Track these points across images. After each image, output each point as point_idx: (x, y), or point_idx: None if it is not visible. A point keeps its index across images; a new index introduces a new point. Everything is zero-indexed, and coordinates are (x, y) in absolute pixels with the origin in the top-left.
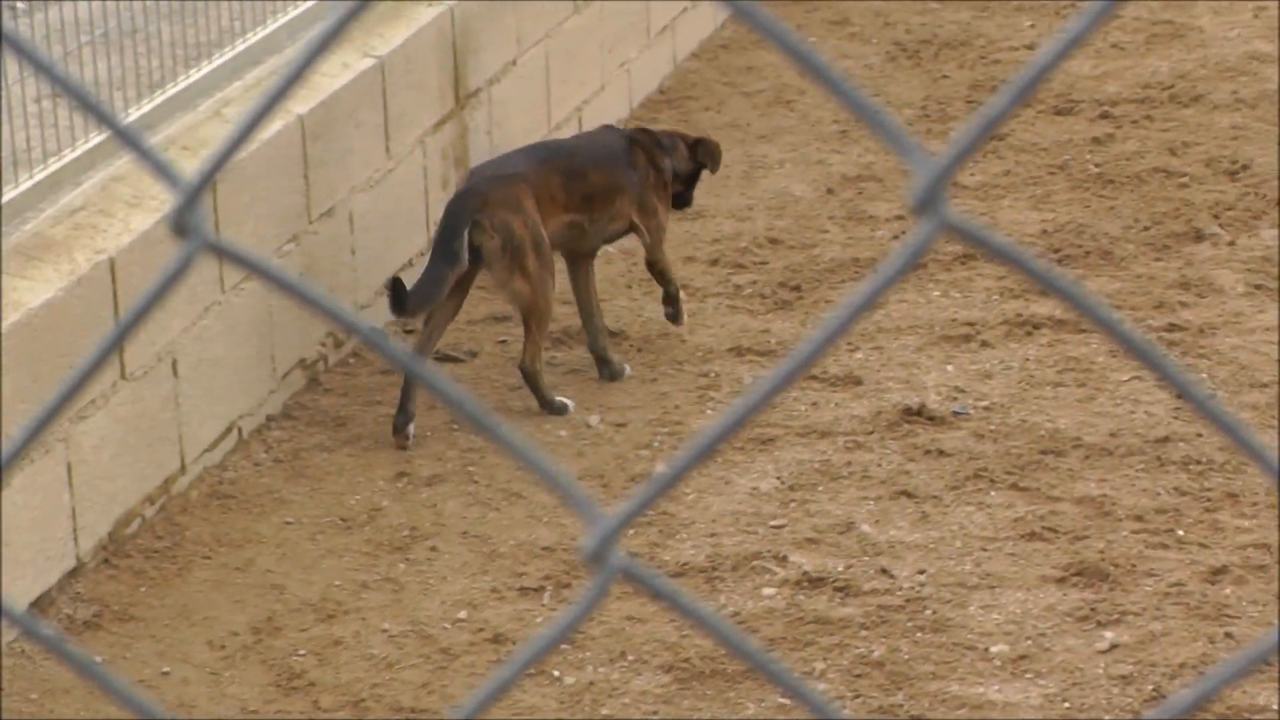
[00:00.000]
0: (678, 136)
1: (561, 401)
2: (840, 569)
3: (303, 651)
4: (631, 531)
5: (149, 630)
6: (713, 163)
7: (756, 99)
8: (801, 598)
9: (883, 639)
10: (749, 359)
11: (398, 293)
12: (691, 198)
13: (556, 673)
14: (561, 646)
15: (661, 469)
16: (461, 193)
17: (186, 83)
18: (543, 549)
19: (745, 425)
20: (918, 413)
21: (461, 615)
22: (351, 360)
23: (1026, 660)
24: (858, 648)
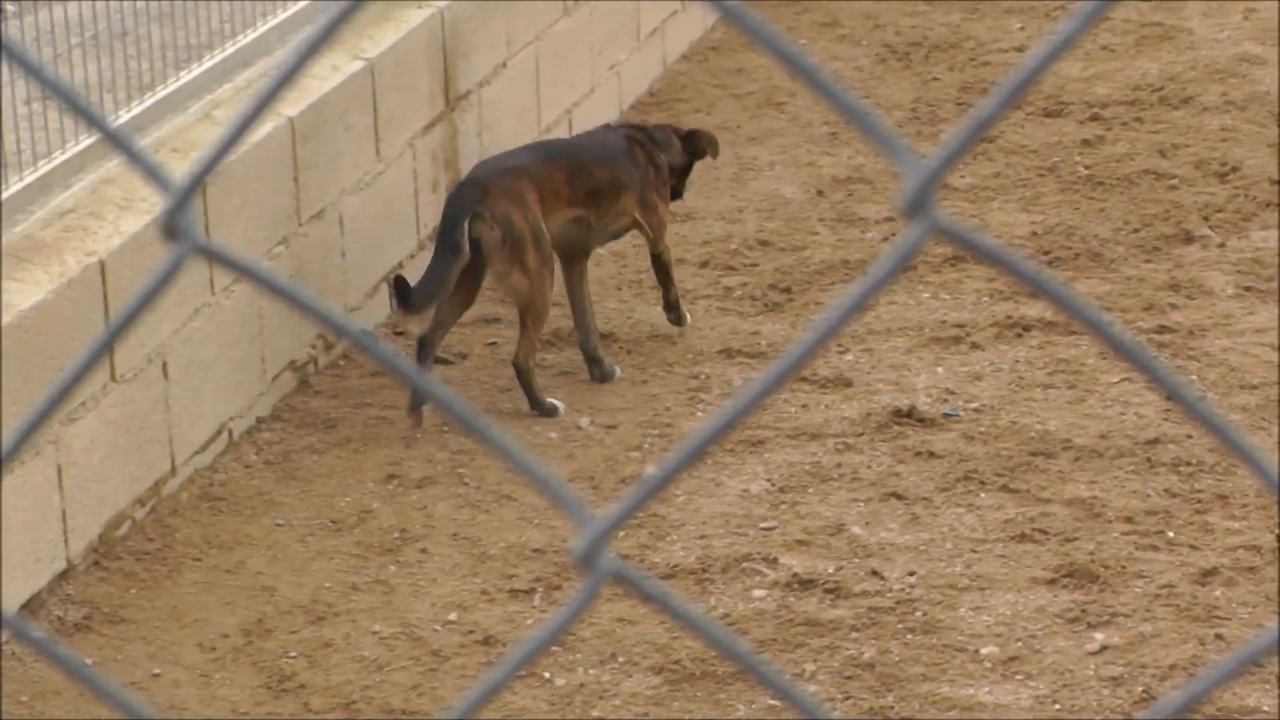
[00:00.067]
0: (670, 130)
1: (552, 403)
2: (830, 571)
3: (293, 653)
4: (622, 533)
5: (139, 632)
6: (713, 149)
7: (747, 101)
8: (792, 599)
9: (873, 641)
10: (739, 361)
11: (402, 290)
12: (683, 189)
13: (547, 674)
14: (552, 648)
15: (652, 471)
16: (462, 184)
17: (177, 85)
18: (533, 551)
19: (735, 427)
20: (908, 414)
21: (452, 617)
22: (342, 362)
23: (1017, 662)
24: (848, 649)
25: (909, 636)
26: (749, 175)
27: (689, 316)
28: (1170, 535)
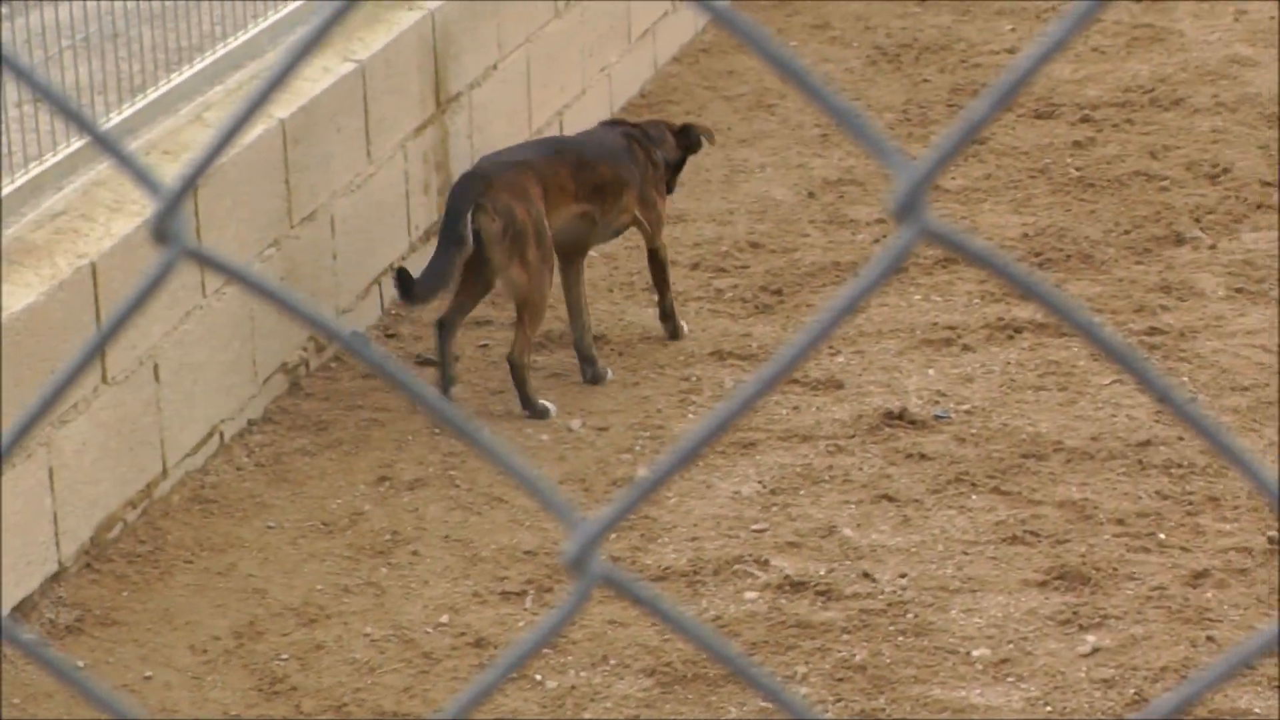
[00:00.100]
0: (663, 126)
1: (543, 405)
2: (822, 573)
3: (284, 656)
4: (613, 535)
5: (131, 635)
6: (708, 137)
7: (737, 103)
8: (783, 601)
9: (864, 643)
10: (730, 363)
11: (404, 281)
12: (674, 185)
13: (538, 676)
14: (543, 651)
15: (643, 473)
16: (465, 175)
17: (168, 87)
18: (525, 553)
19: (727, 430)
20: (899, 416)
21: (443, 619)
22: (333, 364)
23: (1008, 664)
24: (839, 651)
25: (900, 638)
26: (740, 177)
27: (685, 328)
28: (1162, 537)
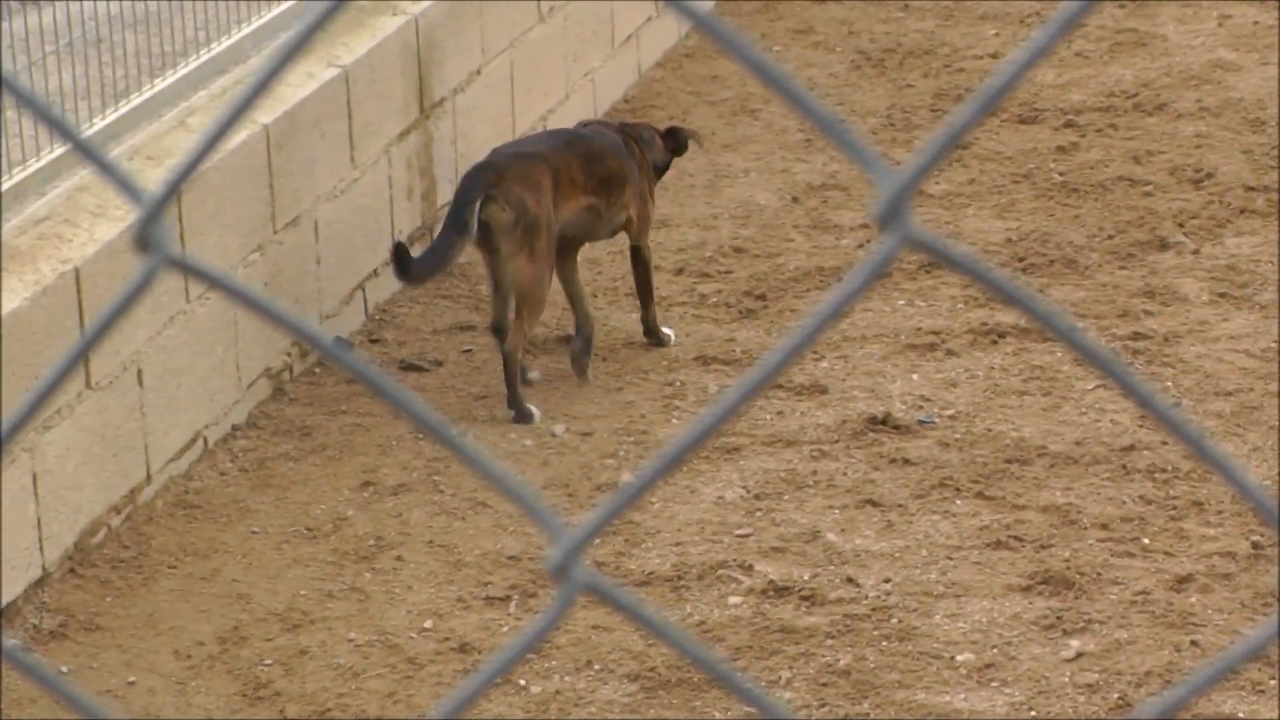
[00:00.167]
0: (651, 129)
1: (529, 408)
2: (806, 578)
3: (269, 661)
4: (597, 541)
5: (115, 640)
6: (696, 141)
7: (721, 108)
8: (767, 607)
9: (848, 648)
10: (714, 368)
11: (401, 258)
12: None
13: (523, 682)
14: (527, 656)
15: (628, 478)
16: (478, 165)
17: (151, 92)
18: (508, 558)
19: (712, 436)
20: (883, 421)
21: (427, 625)
22: (317, 370)
23: (992, 669)
24: (823, 656)
25: (884, 643)
26: (724, 182)
27: (671, 337)
28: (1145, 542)
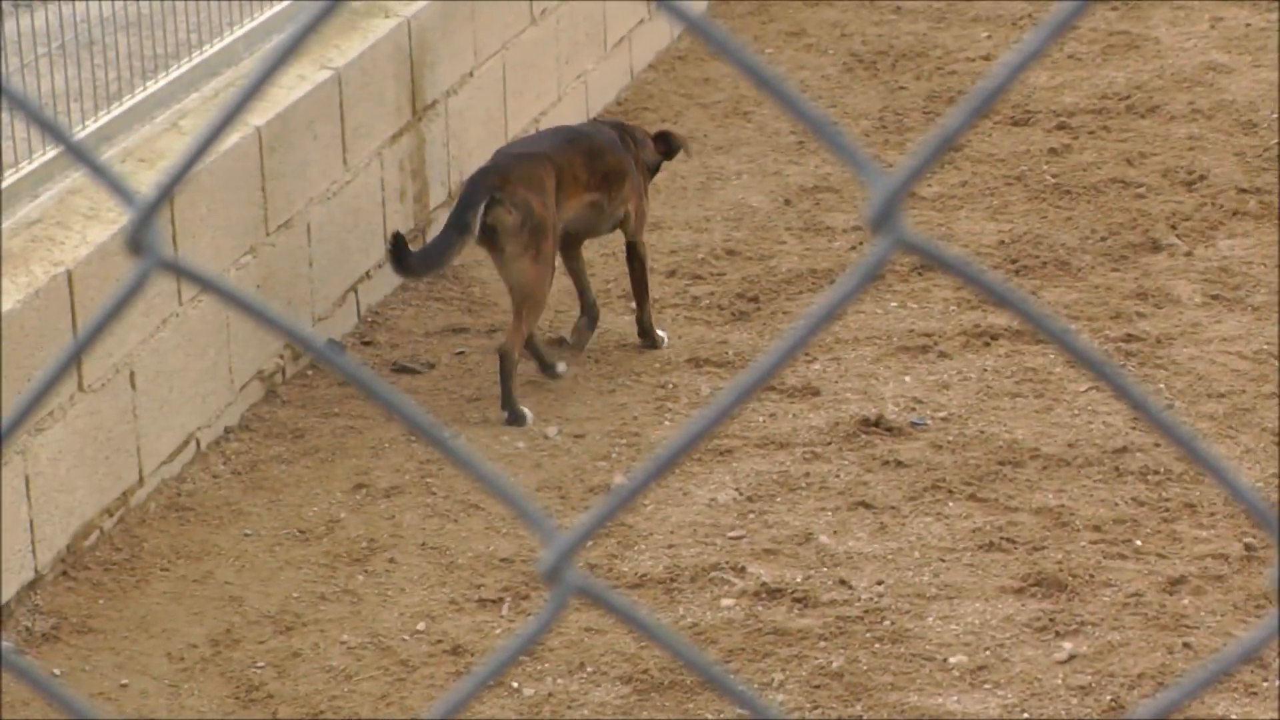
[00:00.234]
0: (643, 131)
1: (522, 410)
2: (799, 580)
3: (261, 663)
4: (589, 543)
5: (107, 642)
6: (685, 145)
7: (713, 110)
8: (760, 609)
9: (841, 650)
10: (706, 370)
11: (398, 248)
12: None
13: (515, 684)
14: (520, 658)
15: (620, 480)
16: (484, 168)
17: (144, 94)
18: (501, 560)
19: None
20: (875, 423)
21: (420, 627)
22: (309, 372)
23: (985, 671)
24: (816, 658)
25: (877, 645)
26: (716, 184)
27: (664, 339)
28: (1138, 544)
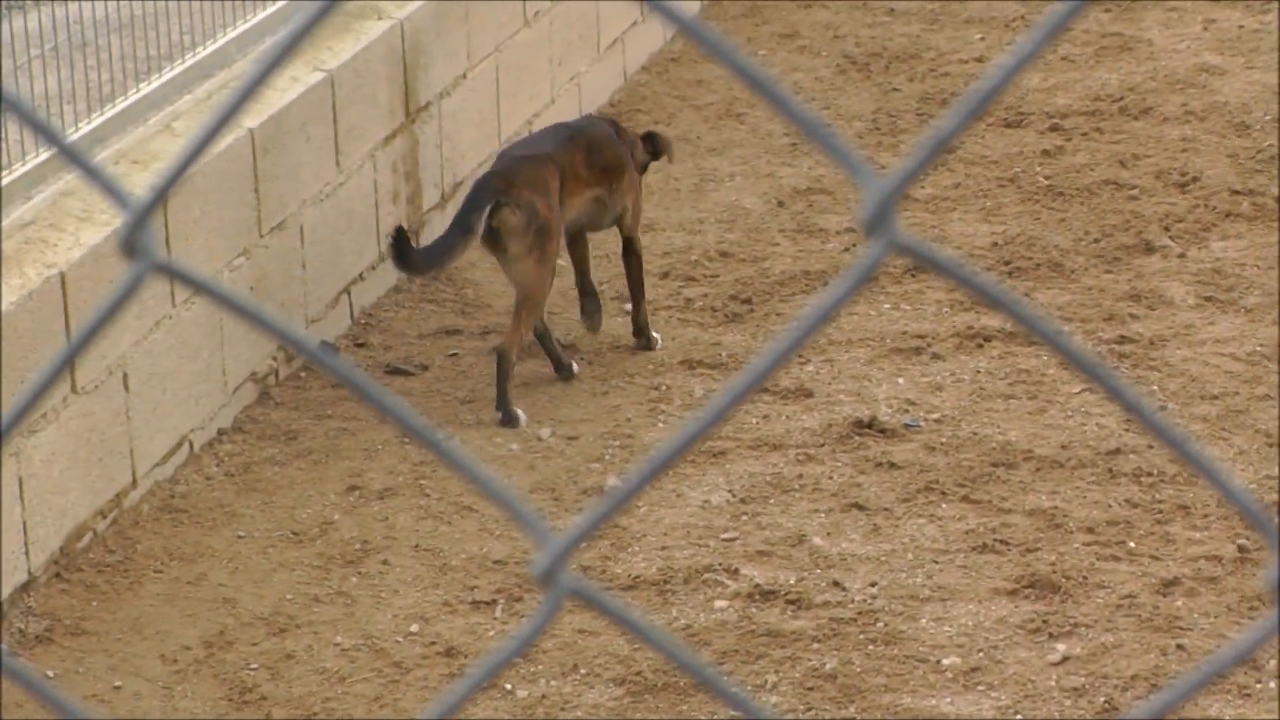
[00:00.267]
0: (631, 133)
1: (516, 411)
2: (792, 581)
3: (255, 665)
4: (583, 545)
5: (101, 644)
6: (669, 150)
7: (707, 112)
8: (753, 610)
9: (835, 651)
10: (700, 372)
11: (400, 243)
12: None
13: (509, 686)
14: (514, 660)
15: (614, 482)
16: (490, 173)
17: (137, 96)
18: (495, 562)
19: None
20: (869, 425)
21: (414, 629)
22: (302, 374)
23: (978, 672)
24: (810, 660)
25: (870, 647)
26: (709, 186)
27: (658, 340)
28: (1131, 545)
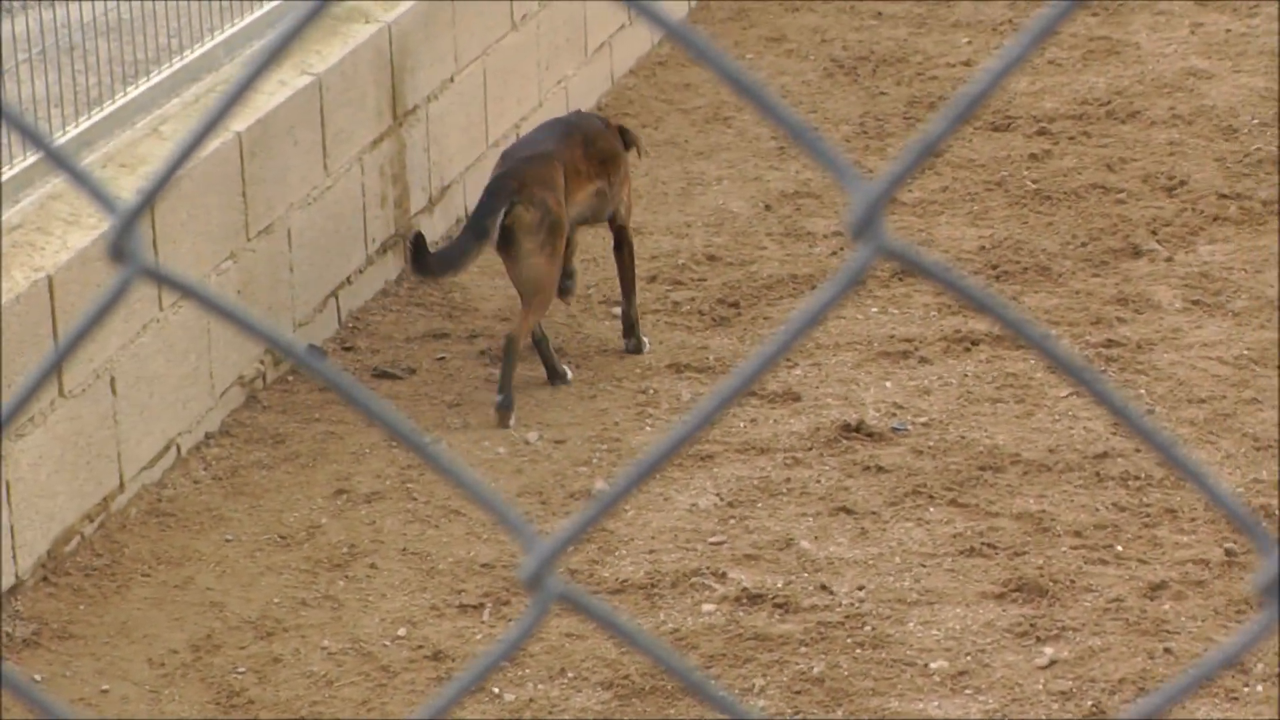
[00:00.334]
0: (611, 122)
1: (512, 399)
2: (779, 585)
3: (242, 669)
4: (570, 549)
5: (88, 648)
6: (638, 144)
7: (694, 115)
8: (741, 614)
9: (822, 655)
10: (687, 376)
11: (418, 249)
12: None
13: (497, 689)
14: (501, 664)
15: (601, 486)
16: (500, 175)
17: (125, 100)
18: (482, 566)
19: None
20: (856, 429)
21: (401, 633)
22: (290, 377)
23: (966, 676)
24: (797, 664)
25: (858, 651)
26: (696, 190)
27: (647, 344)
28: (1119, 549)
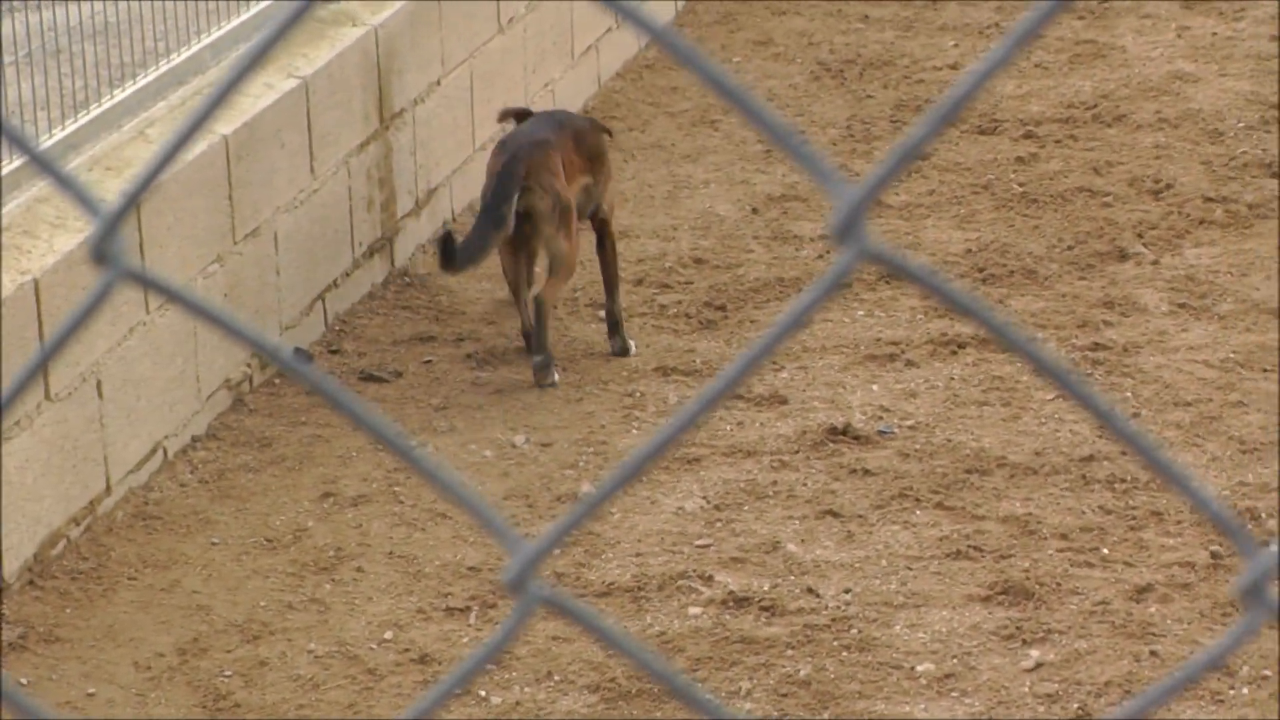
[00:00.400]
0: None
1: (552, 358)
2: (766, 588)
3: (229, 672)
4: (556, 551)
5: (74, 651)
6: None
7: (681, 119)
8: (727, 617)
9: (809, 658)
10: (674, 379)
11: (448, 247)
12: None
13: (483, 692)
14: (487, 667)
15: (587, 489)
16: (508, 162)
17: (111, 103)
18: (468, 569)
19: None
20: (843, 432)
21: (387, 636)
22: (276, 380)
23: (952, 679)
24: (784, 667)
25: (844, 654)
26: (683, 193)
27: (632, 347)
28: (1105, 552)
